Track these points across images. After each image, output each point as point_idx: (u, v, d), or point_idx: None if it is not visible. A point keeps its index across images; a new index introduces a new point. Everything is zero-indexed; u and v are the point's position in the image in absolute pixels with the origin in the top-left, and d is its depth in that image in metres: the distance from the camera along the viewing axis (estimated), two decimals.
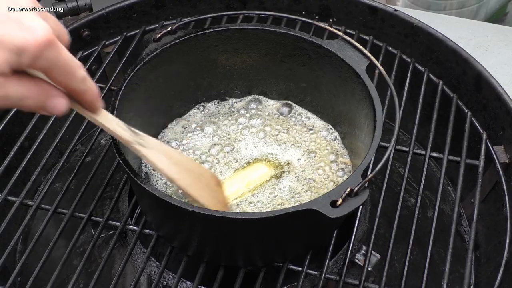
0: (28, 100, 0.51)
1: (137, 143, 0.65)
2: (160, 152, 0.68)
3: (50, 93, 0.53)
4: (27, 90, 0.51)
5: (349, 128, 0.86)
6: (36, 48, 0.48)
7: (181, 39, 0.82)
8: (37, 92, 0.52)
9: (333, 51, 0.80)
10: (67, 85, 0.53)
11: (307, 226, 0.71)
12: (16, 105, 0.51)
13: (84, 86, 0.55)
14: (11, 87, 0.49)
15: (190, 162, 0.77)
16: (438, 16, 1.22)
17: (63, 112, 0.54)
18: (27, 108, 0.52)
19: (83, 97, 0.56)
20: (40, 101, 0.52)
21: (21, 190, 0.87)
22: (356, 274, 0.83)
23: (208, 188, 0.75)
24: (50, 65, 0.50)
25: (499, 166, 0.90)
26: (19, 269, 0.80)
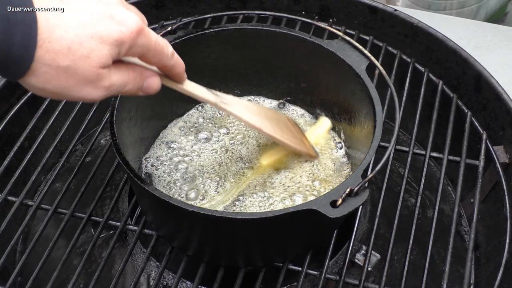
0: (129, 85, 0.57)
1: (222, 103, 0.72)
2: (240, 106, 0.75)
3: (145, 75, 0.59)
4: (127, 76, 0.57)
5: (349, 128, 0.85)
6: (131, 38, 0.53)
7: (181, 39, 0.82)
8: (134, 76, 0.58)
9: (333, 51, 0.80)
10: (160, 63, 0.60)
11: (307, 226, 0.71)
12: (119, 91, 0.57)
13: (173, 61, 0.61)
14: (114, 76, 0.55)
15: (266, 110, 0.82)
16: (438, 16, 1.22)
17: (158, 90, 0.61)
18: (128, 93, 0.58)
19: (173, 71, 0.63)
20: (139, 84, 0.59)
21: (21, 190, 0.87)
22: (356, 274, 0.83)
23: (287, 129, 0.81)
24: (144, 49, 0.56)
25: (499, 166, 0.90)
26: (19, 269, 0.80)
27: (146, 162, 0.86)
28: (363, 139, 0.77)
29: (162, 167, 0.85)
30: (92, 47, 0.51)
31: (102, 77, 0.53)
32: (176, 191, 0.82)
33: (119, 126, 0.72)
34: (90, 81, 0.53)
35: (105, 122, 0.96)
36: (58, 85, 0.52)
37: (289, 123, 0.84)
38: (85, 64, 0.51)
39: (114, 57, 0.53)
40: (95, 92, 0.54)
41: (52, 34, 0.49)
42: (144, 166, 0.85)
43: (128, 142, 0.78)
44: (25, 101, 1.01)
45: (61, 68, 0.51)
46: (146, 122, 0.85)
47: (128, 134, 0.78)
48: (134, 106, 0.79)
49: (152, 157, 0.86)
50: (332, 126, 0.89)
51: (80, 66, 0.51)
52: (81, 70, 0.51)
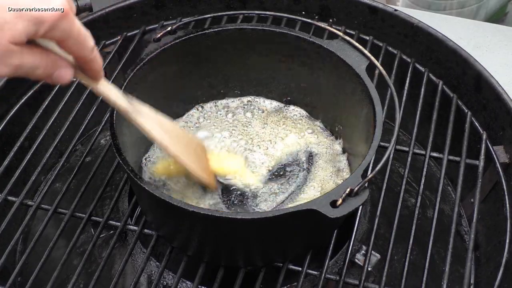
0: (39, 70, 0.54)
1: (134, 112, 0.68)
2: (153, 120, 0.71)
3: (58, 63, 0.56)
4: (39, 59, 0.53)
5: (349, 128, 0.86)
6: (53, 20, 0.50)
7: (181, 39, 0.82)
8: (47, 62, 0.54)
9: (333, 51, 0.80)
10: (78, 53, 0.56)
11: (307, 226, 0.71)
12: (28, 74, 0.54)
13: (92, 55, 0.58)
14: (25, 57, 0.52)
15: (178, 129, 0.79)
16: (438, 16, 1.22)
17: (67, 82, 0.57)
18: (36, 77, 0.55)
19: (90, 66, 0.59)
20: (49, 71, 0.55)
21: (21, 190, 0.87)
22: (356, 274, 0.83)
23: (195, 154, 0.78)
24: (64, 34, 0.53)
25: (499, 166, 0.90)
26: (19, 269, 0.80)
27: (146, 162, 0.86)
28: (363, 139, 0.77)
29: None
30: (6, 19, 0.48)
31: (12, 54, 0.50)
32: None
33: (119, 126, 0.72)
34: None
35: (105, 122, 0.96)
36: None
37: (198, 148, 0.81)
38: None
39: (30, 35, 0.50)
40: (1, 68, 0.51)
41: None
42: (144, 165, 0.85)
43: (128, 142, 0.78)
44: (25, 101, 1.01)
45: None
46: None
47: (128, 134, 0.78)
48: None
49: (152, 157, 0.86)
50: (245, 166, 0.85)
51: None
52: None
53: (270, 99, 0.94)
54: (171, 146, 0.72)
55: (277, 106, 0.94)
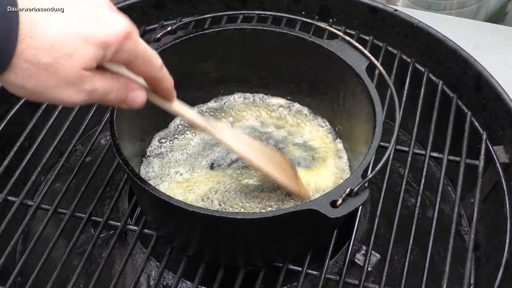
0: (112, 94, 0.55)
1: (210, 127, 0.68)
2: (230, 134, 0.71)
3: (130, 87, 0.57)
4: (111, 84, 0.54)
5: (349, 128, 0.85)
6: (118, 42, 0.51)
7: (181, 39, 0.82)
8: (119, 85, 0.55)
9: (333, 51, 0.80)
10: (147, 73, 0.57)
11: (307, 226, 0.71)
12: (101, 99, 0.54)
13: (162, 74, 0.59)
14: (98, 82, 0.53)
15: (260, 144, 0.78)
16: (438, 16, 1.22)
17: (142, 104, 0.58)
18: (109, 103, 0.56)
19: (161, 85, 0.60)
20: (122, 94, 0.56)
21: (21, 190, 0.87)
22: (356, 274, 0.83)
23: (281, 169, 0.76)
24: (131, 56, 0.54)
25: (499, 166, 0.90)
26: (19, 269, 0.80)
27: (146, 161, 0.86)
28: (363, 139, 0.77)
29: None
30: (76, 46, 0.49)
31: (85, 80, 0.51)
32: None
33: (119, 126, 0.72)
34: (71, 83, 0.50)
35: (105, 122, 0.96)
36: (37, 83, 0.50)
37: (283, 160, 0.79)
38: (68, 64, 0.49)
39: (99, 60, 0.51)
40: (75, 95, 0.52)
41: (34, 29, 0.47)
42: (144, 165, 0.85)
43: (128, 142, 0.78)
44: (25, 101, 1.01)
45: (42, 65, 0.48)
46: (146, 122, 0.85)
47: (128, 134, 0.78)
48: None
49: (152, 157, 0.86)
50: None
51: (62, 65, 0.49)
52: (62, 69, 0.49)
53: (270, 99, 0.94)
54: (255, 159, 0.72)
55: (278, 105, 0.94)
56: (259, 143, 0.78)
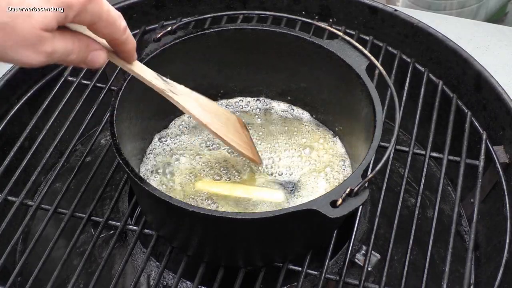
0: (72, 55, 0.53)
1: (170, 91, 0.68)
2: (189, 97, 0.71)
3: (91, 47, 0.55)
4: (72, 44, 0.53)
5: (349, 128, 0.86)
6: (81, 3, 0.50)
7: (181, 39, 0.82)
8: (80, 46, 0.54)
9: (333, 51, 0.80)
10: (110, 36, 0.56)
11: (307, 226, 0.71)
12: (62, 60, 0.53)
13: (124, 36, 0.57)
14: (58, 42, 0.51)
15: (217, 107, 0.78)
16: (438, 16, 1.22)
17: (102, 64, 0.57)
18: (69, 63, 0.55)
19: (124, 47, 0.59)
20: (83, 55, 0.55)
21: (21, 190, 0.87)
22: (356, 274, 0.83)
23: (235, 131, 0.77)
24: (94, 18, 0.52)
25: (499, 166, 0.90)
26: (19, 269, 0.80)
27: (146, 161, 0.86)
28: (363, 139, 0.77)
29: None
30: (36, 5, 0.47)
31: (44, 41, 0.49)
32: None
33: (119, 126, 0.72)
34: (30, 43, 0.48)
35: (105, 122, 0.96)
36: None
37: (239, 124, 0.80)
38: (26, 23, 0.47)
39: (60, 21, 0.49)
40: (34, 56, 0.50)
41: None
42: (144, 165, 0.85)
43: (128, 142, 0.78)
44: (25, 101, 1.01)
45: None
46: (146, 122, 0.85)
47: (128, 134, 0.78)
48: (134, 106, 0.79)
49: (152, 157, 0.86)
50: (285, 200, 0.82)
51: (19, 24, 0.47)
52: (20, 29, 0.47)
53: (270, 99, 0.94)
54: (211, 124, 0.72)
55: (277, 105, 0.94)
56: (217, 107, 0.78)
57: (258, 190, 0.82)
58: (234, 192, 0.81)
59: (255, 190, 0.82)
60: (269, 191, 0.82)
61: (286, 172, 0.84)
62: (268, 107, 0.94)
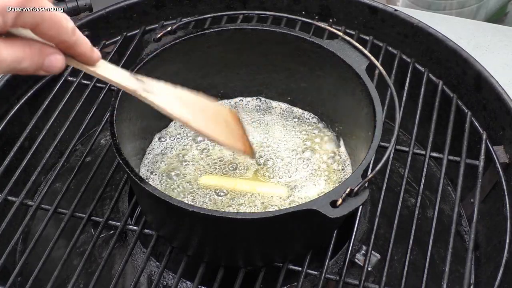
0: (25, 62, 0.50)
1: (143, 90, 0.62)
2: (168, 95, 0.65)
3: (45, 51, 0.52)
4: (21, 51, 0.50)
5: (349, 128, 0.86)
6: (17, 3, 0.46)
7: (181, 39, 0.82)
8: (31, 52, 0.50)
9: (333, 51, 0.80)
10: (57, 38, 0.52)
11: (307, 226, 0.71)
12: (14, 68, 0.50)
13: (74, 37, 0.53)
14: (4, 51, 0.48)
15: (202, 100, 0.72)
16: (438, 16, 1.22)
17: (61, 69, 0.53)
18: (25, 71, 0.51)
19: (76, 50, 0.54)
20: (37, 61, 0.51)
21: (21, 190, 0.87)
22: (356, 274, 0.83)
23: (226, 126, 0.72)
24: (36, 19, 0.48)
25: (499, 166, 0.90)
26: (19, 269, 0.80)
27: (146, 161, 0.86)
28: (363, 139, 0.77)
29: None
30: None
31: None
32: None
33: (119, 126, 0.72)
34: None
35: (105, 122, 0.96)
36: None
37: (230, 118, 0.74)
38: None
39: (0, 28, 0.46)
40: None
41: None
42: (144, 165, 0.85)
43: (128, 142, 0.78)
44: (25, 101, 1.01)
45: None
46: (146, 121, 0.85)
47: (128, 134, 0.78)
48: (134, 106, 0.78)
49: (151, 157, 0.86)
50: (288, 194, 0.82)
51: None
52: None
53: (270, 99, 0.94)
54: (192, 121, 0.66)
55: (277, 105, 0.94)
56: (202, 101, 0.71)
57: (261, 185, 0.82)
58: (237, 186, 0.81)
59: (258, 185, 0.81)
60: (272, 186, 0.82)
61: (286, 172, 0.84)
62: (268, 107, 0.94)
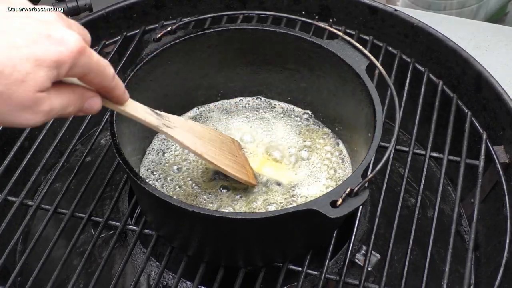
0: (70, 107, 0.54)
1: (164, 126, 0.69)
2: (184, 130, 0.72)
3: (86, 96, 0.56)
4: (67, 98, 0.53)
5: (349, 128, 0.86)
6: (71, 59, 0.50)
7: (181, 39, 0.82)
8: (75, 97, 0.54)
9: (333, 51, 0.80)
10: (100, 84, 0.56)
11: (307, 226, 0.71)
12: (59, 114, 0.53)
13: (114, 83, 0.58)
14: (54, 100, 0.51)
15: (211, 132, 0.79)
16: (438, 16, 1.22)
17: (98, 110, 0.58)
18: (68, 115, 0.55)
19: (114, 93, 0.59)
20: (79, 105, 0.55)
21: (21, 190, 0.87)
22: (356, 274, 0.83)
23: (231, 154, 0.78)
24: (85, 70, 0.52)
25: (499, 166, 0.90)
26: (19, 269, 0.80)
27: (146, 161, 0.86)
28: (363, 139, 0.77)
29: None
30: (28, 70, 0.47)
31: (41, 102, 0.50)
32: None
33: (119, 126, 0.73)
34: (27, 107, 0.49)
35: (105, 122, 0.96)
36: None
37: (234, 146, 0.81)
38: (21, 89, 0.47)
39: (53, 79, 0.50)
40: (34, 117, 0.50)
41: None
42: (144, 165, 0.85)
43: (128, 142, 0.78)
44: None
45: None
46: None
47: (128, 134, 0.78)
48: None
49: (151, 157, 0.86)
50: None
51: (15, 91, 0.47)
52: (16, 95, 0.48)
53: (270, 99, 0.94)
54: (206, 154, 0.73)
55: (277, 105, 0.94)
56: (210, 132, 0.79)
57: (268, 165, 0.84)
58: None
59: (264, 166, 0.83)
60: (279, 169, 0.84)
61: (285, 172, 0.84)
62: (268, 107, 0.94)
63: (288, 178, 0.83)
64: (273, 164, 0.85)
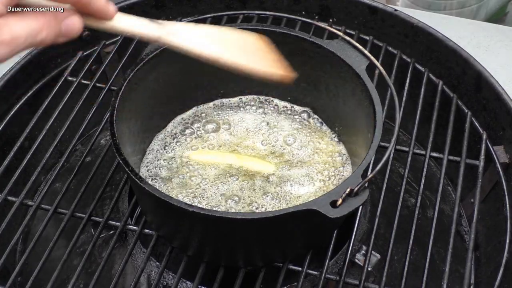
0: (42, 33, 0.47)
1: (168, 35, 0.60)
2: (192, 34, 0.63)
3: (59, 17, 0.49)
4: (36, 22, 0.47)
5: (349, 128, 0.85)
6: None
7: None
8: (45, 20, 0.48)
9: (333, 51, 0.80)
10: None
11: (307, 226, 0.71)
12: (31, 43, 0.47)
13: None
14: (17, 26, 0.45)
15: (227, 32, 0.68)
16: (438, 16, 1.22)
17: (80, 30, 0.51)
18: (44, 43, 0.48)
19: (92, 7, 0.52)
20: (54, 28, 0.49)
21: (21, 190, 0.87)
22: (356, 274, 0.83)
23: (259, 52, 0.69)
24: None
25: (499, 166, 0.90)
26: (19, 269, 0.80)
27: (146, 161, 0.86)
28: (363, 139, 0.77)
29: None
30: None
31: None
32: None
33: (119, 126, 0.72)
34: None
35: (105, 122, 0.96)
36: None
37: (260, 43, 0.71)
38: None
39: (6, 2, 0.44)
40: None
41: None
42: (144, 166, 0.85)
43: (128, 142, 0.78)
44: (25, 101, 1.01)
45: None
46: (146, 121, 0.85)
47: (128, 134, 0.78)
48: (134, 106, 0.79)
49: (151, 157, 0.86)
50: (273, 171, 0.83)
51: None
52: None
53: (270, 99, 0.94)
54: (224, 56, 0.63)
55: (277, 105, 0.94)
56: (227, 32, 0.68)
57: (249, 159, 0.82)
58: (226, 160, 0.82)
59: (247, 160, 0.82)
60: (260, 162, 0.83)
61: (285, 172, 0.84)
62: (268, 107, 0.94)
63: (286, 176, 0.83)
64: (273, 163, 0.84)
